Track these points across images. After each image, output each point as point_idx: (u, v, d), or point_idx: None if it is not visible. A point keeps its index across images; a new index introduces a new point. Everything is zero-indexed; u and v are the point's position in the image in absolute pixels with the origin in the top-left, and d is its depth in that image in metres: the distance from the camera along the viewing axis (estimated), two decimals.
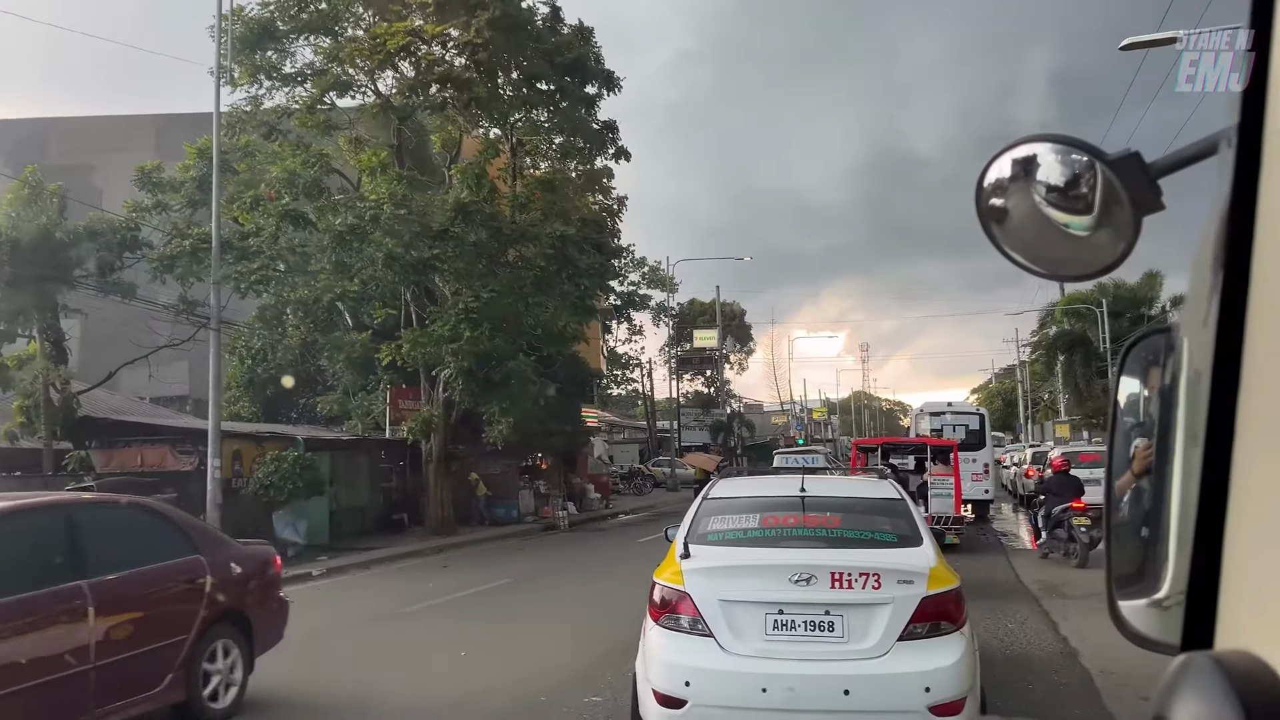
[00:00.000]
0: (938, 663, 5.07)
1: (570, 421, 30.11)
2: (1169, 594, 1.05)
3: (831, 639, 5.17)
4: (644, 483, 46.39)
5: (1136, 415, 1.33)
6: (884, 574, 5.23)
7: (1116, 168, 1.22)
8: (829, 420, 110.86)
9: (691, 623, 5.27)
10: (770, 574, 5.38)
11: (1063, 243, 1.31)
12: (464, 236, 20.40)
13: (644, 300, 67.37)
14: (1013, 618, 10.90)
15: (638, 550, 20.54)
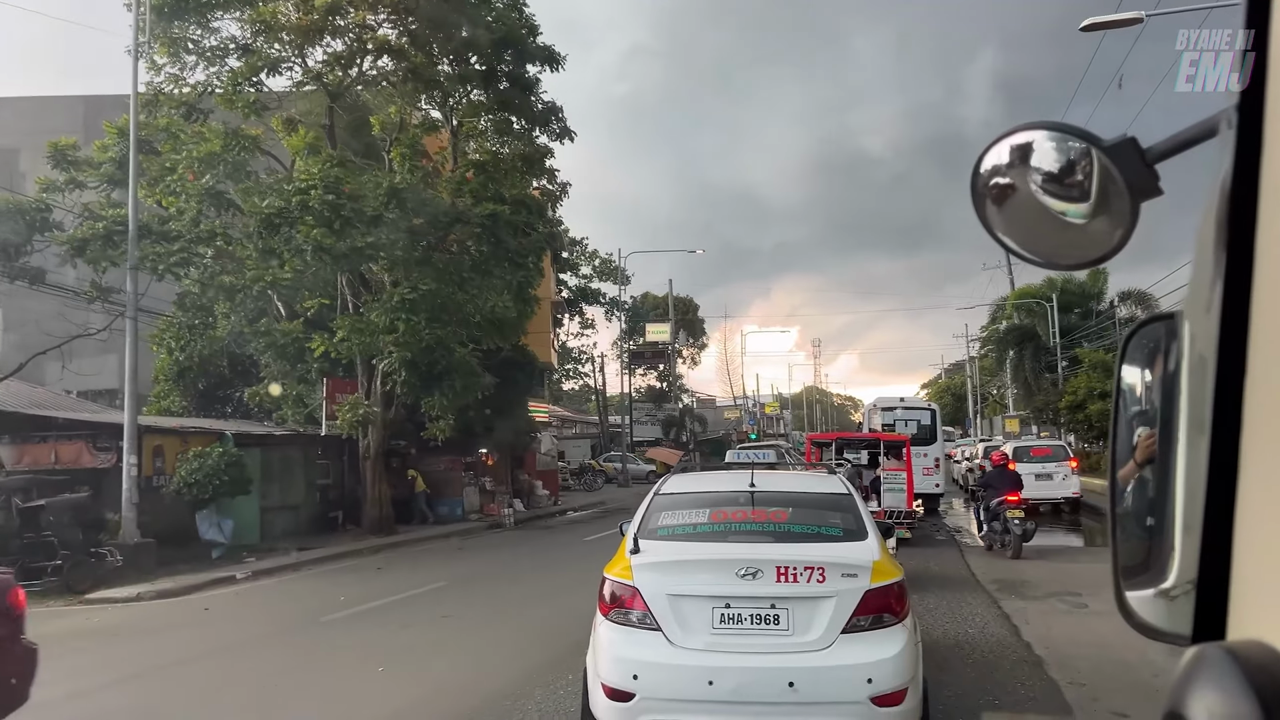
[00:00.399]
0: (880, 654, 5.12)
1: (517, 416, 29.21)
2: (1176, 583, 1.05)
3: (777, 632, 5.22)
4: (595, 478, 45.59)
5: (1139, 404, 1.31)
6: (828, 568, 5.28)
7: (1113, 154, 1.21)
8: (781, 415, 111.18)
9: (640, 617, 5.32)
10: (717, 568, 5.42)
11: (1060, 230, 1.30)
12: (398, 222, 19.36)
13: (596, 294, 66.98)
14: (972, 622, 10.33)
15: (583, 549, 19.79)
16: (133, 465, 17.06)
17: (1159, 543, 1.12)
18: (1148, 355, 1.27)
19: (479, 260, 21.47)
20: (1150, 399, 1.26)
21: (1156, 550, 1.13)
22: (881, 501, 15.26)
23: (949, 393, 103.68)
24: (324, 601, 13.18)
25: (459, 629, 10.92)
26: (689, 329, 70.03)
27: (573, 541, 21.60)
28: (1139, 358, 1.30)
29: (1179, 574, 1.04)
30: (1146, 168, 1.20)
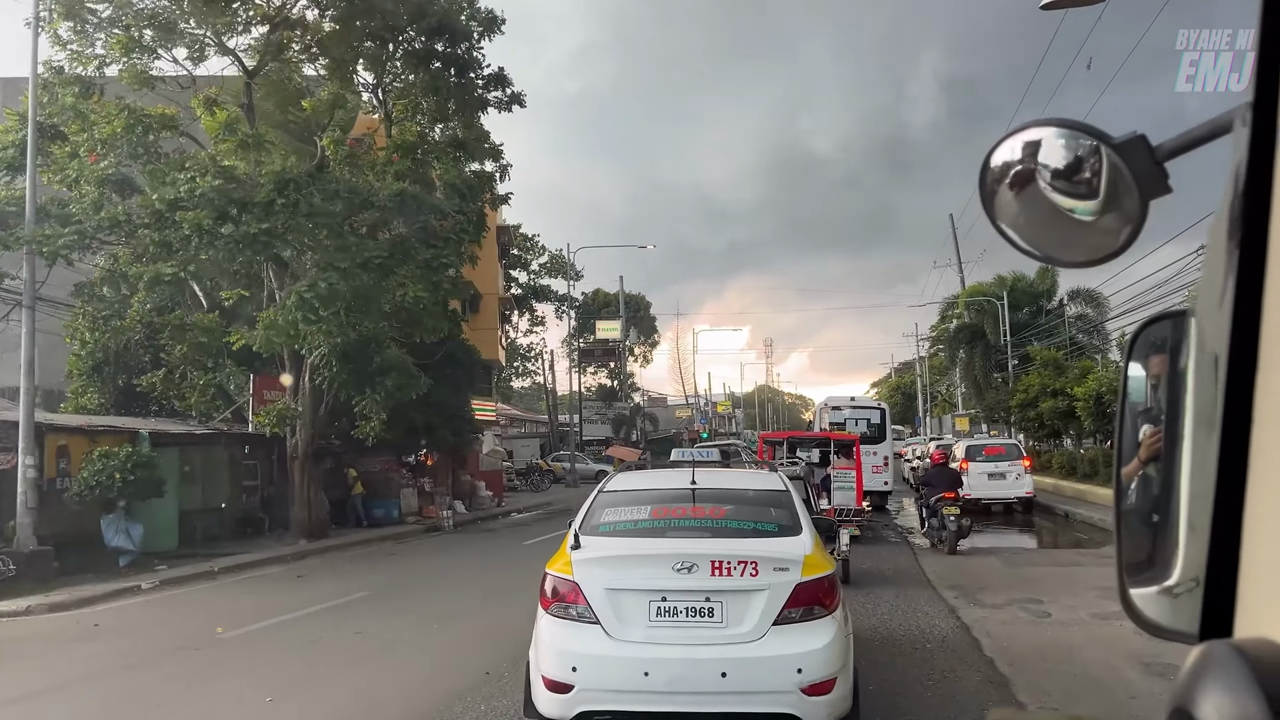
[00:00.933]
0: (810, 645, 5.26)
1: (458, 414, 28.08)
2: (1180, 581, 1.07)
3: (711, 624, 5.34)
4: (542, 479, 44.56)
5: (1144, 401, 1.31)
6: (761, 562, 5.41)
7: (1122, 151, 1.21)
8: (734, 414, 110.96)
9: (579, 611, 5.43)
10: (654, 563, 5.52)
11: (1068, 227, 1.30)
12: (298, 207, 17.96)
13: (546, 291, 65.78)
14: (931, 635, 9.55)
15: (522, 554, 18.80)
16: (29, 466, 15.72)
17: (1164, 540, 1.12)
18: (1154, 353, 1.27)
19: (394, 246, 20.16)
20: (1156, 396, 1.27)
21: (1161, 547, 1.13)
22: (832, 499, 15.15)
23: (899, 391, 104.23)
24: (230, 615, 12.04)
25: (371, 647, 9.89)
26: (640, 327, 69.15)
27: (511, 545, 20.60)
28: (1145, 355, 1.30)
29: (1184, 571, 1.05)
30: (1156, 165, 1.20)
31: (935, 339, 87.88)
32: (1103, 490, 24.12)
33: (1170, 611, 1.10)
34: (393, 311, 20.20)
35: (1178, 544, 1.06)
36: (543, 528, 24.31)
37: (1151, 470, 1.22)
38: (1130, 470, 1.26)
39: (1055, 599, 11.45)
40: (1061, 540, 19.28)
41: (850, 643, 5.70)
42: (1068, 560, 15.48)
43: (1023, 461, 24.18)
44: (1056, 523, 22.72)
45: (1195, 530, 0.99)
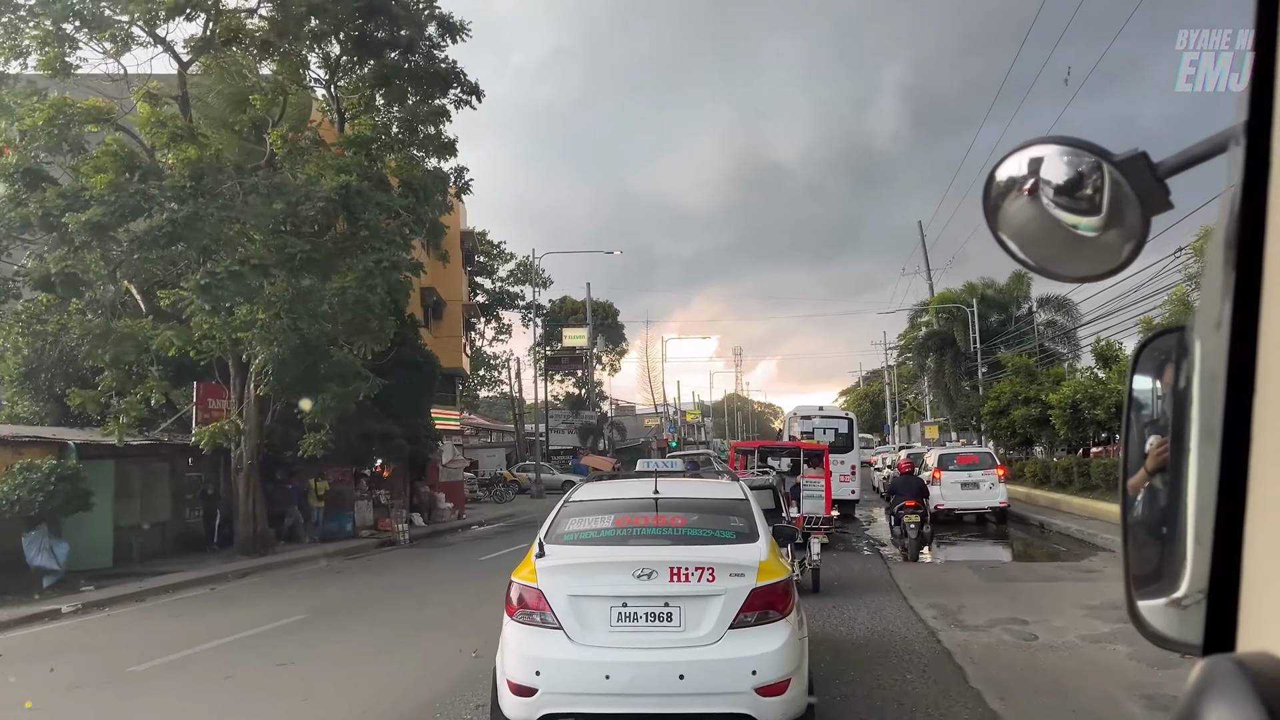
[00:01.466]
0: (764, 648, 5.42)
1: (415, 423, 27.02)
2: (1188, 593, 1.06)
3: (670, 628, 5.50)
4: (506, 490, 43.44)
5: (1150, 413, 1.32)
6: (718, 568, 5.57)
7: (1124, 168, 1.23)
8: (703, 423, 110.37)
9: (543, 617, 5.57)
10: (615, 570, 5.67)
11: (1071, 244, 1.32)
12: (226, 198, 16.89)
13: (513, 298, 64.70)
14: (911, 663, 8.72)
15: (477, 571, 17.84)
16: None
17: (1171, 551, 1.12)
18: (1159, 366, 1.28)
19: (334, 245, 19.07)
20: (1161, 408, 1.27)
21: (1168, 559, 1.14)
22: (801, 508, 15.28)
23: (867, 400, 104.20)
24: (147, 643, 10.99)
25: (293, 682, 8.90)
26: (608, 335, 68.25)
27: (467, 561, 19.60)
28: (1150, 368, 1.30)
29: (1191, 583, 1.05)
30: (1157, 182, 1.22)
31: (904, 347, 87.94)
32: (1077, 500, 23.57)
33: (1178, 624, 1.09)
34: (334, 314, 19.10)
35: (1185, 556, 1.06)
36: (502, 541, 23.34)
37: (1158, 481, 1.21)
38: (1137, 481, 1.25)
39: (1040, 618, 10.70)
40: (1038, 552, 18.59)
41: (805, 645, 5.90)
42: (1047, 574, 14.76)
43: (997, 470, 23.56)
44: (1031, 534, 22.09)
45: (1202, 542, 0.99)
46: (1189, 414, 1.07)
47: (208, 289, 17.79)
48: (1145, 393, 1.32)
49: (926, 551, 18.57)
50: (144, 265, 18.30)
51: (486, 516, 33.25)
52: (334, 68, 22.37)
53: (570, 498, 6.84)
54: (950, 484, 23.55)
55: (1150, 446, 1.24)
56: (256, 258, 18.29)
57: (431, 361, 27.80)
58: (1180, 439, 1.10)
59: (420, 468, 30.56)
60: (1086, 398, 22.42)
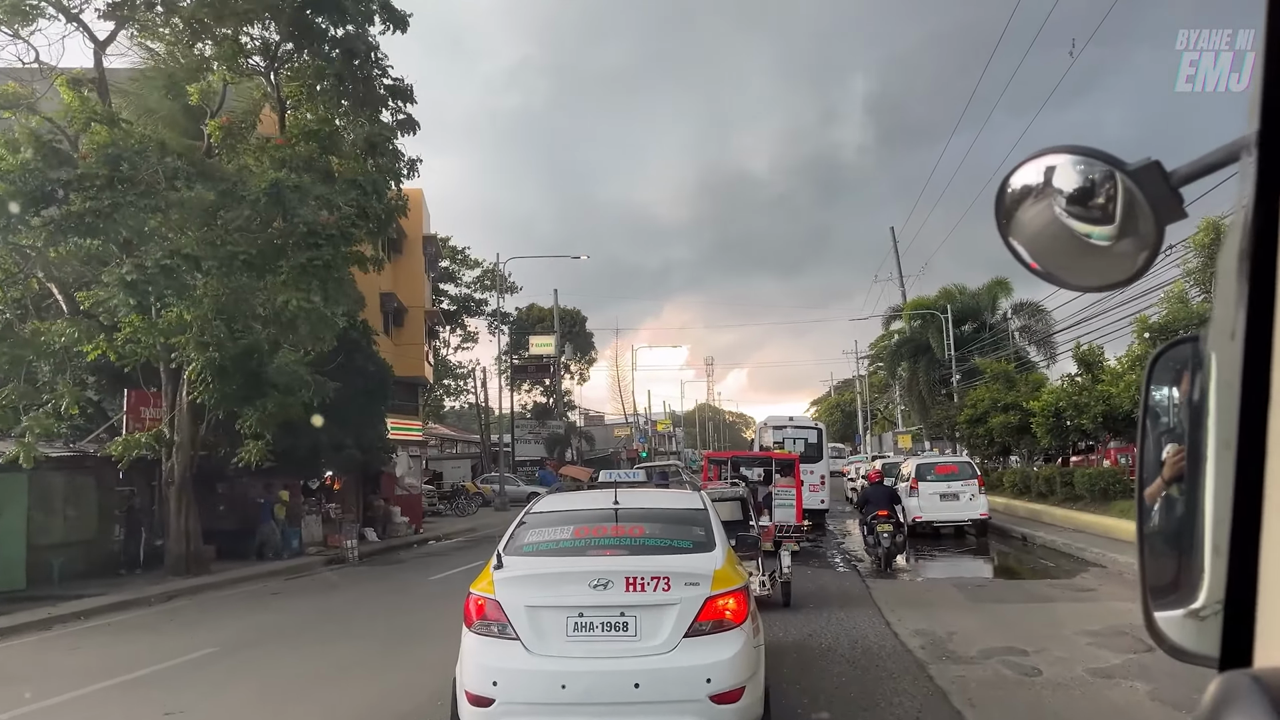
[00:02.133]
0: (718, 656, 5.44)
1: (368, 433, 25.57)
2: (1205, 604, 1.05)
3: (625, 637, 5.54)
4: (469, 502, 41.88)
5: (1166, 423, 1.33)
6: (673, 577, 5.60)
7: (1137, 177, 1.23)
8: (674, 433, 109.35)
9: (500, 628, 5.58)
10: (572, 580, 5.70)
11: (1084, 252, 1.31)
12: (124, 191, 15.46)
13: (479, 305, 63.16)
14: (904, 709, 7.51)
15: (424, 594, 16.50)
16: None
17: (1188, 562, 1.12)
18: (1174, 376, 1.27)
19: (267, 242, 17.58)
20: (1177, 418, 1.27)
21: (1186, 570, 1.13)
22: (773, 516, 15.45)
23: (839, 409, 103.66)
24: (25, 682, 9.57)
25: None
26: (576, 343, 66.87)
27: (416, 582, 18.23)
28: (1166, 378, 1.30)
29: (1208, 595, 1.04)
30: (1171, 191, 1.21)
31: (875, 355, 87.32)
32: (1059, 511, 22.60)
33: (1195, 636, 1.08)
34: (270, 317, 17.69)
35: (1203, 566, 1.05)
36: (459, 558, 21.98)
37: (1174, 491, 1.20)
38: (1153, 491, 1.25)
39: (1040, 647, 9.57)
40: (1025, 568, 17.51)
41: (761, 653, 5.93)
42: (1039, 593, 13.65)
43: (976, 481, 22.54)
44: (1014, 547, 21.04)
45: (1220, 553, 0.98)
46: (1205, 424, 1.07)
47: (134, 285, 16.36)
48: (1161, 402, 1.32)
49: (902, 559, 17.70)
50: (61, 260, 16.80)
51: (445, 531, 31.80)
52: (273, 55, 20.96)
53: (531, 509, 6.90)
54: (929, 495, 22.51)
55: (1166, 456, 1.24)
56: (190, 248, 16.84)
57: (384, 368, 26.37)
58: (1196, 449, 1.10)
59: (374, 480, 29.08)
60: (1070, 405, 21.44)
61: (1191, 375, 1.18)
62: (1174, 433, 1.27)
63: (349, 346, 24.60)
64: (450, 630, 6.55)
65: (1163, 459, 1.25)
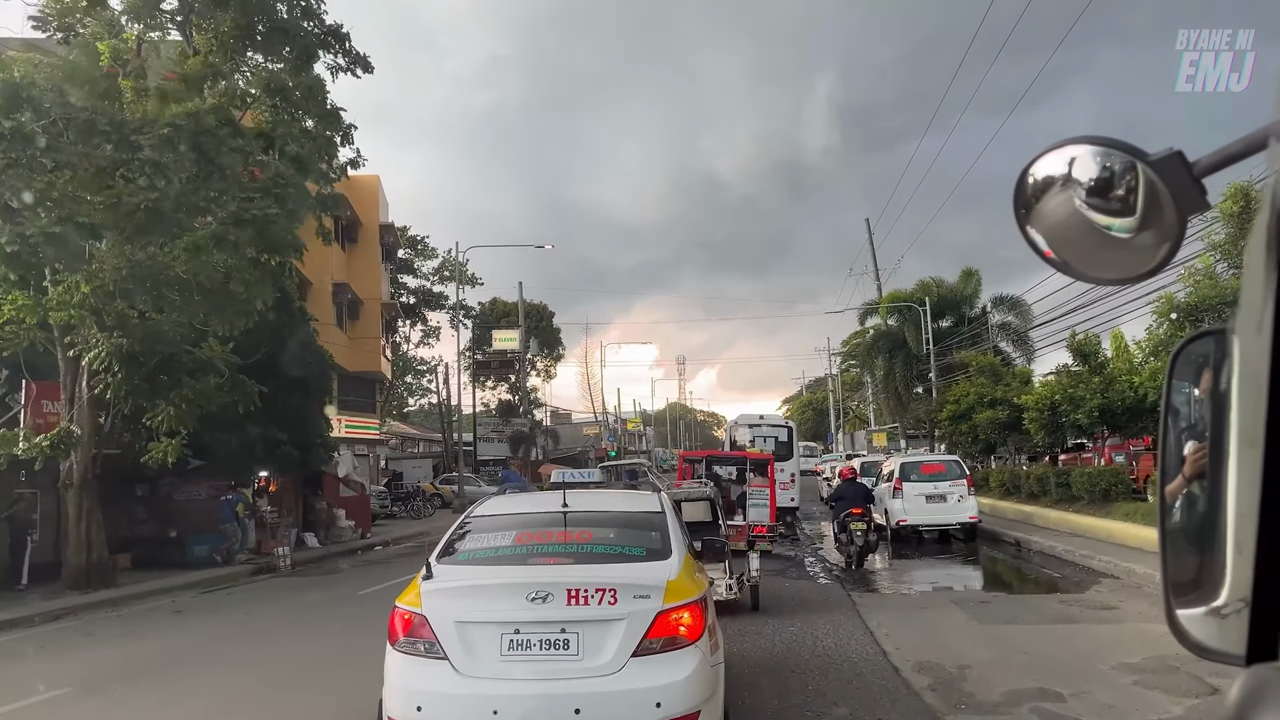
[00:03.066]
0: (670, 678, 4.97)
1: (305, 429, 23.41)
2: (1228, 601, 1.05)
3: (566, 657, 5.03)
4: (425, 504, 39.67)
5: (1188, 418, 1.31)
6: (620, 589, 5.12)
7: (1159, 168, 1.21)
8: (644, 432, 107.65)
9: (427, 646, 5.11)
10: (507, 593, 5.23)
11: (1105, 245, 1.30)
12: None
13: (440, 298, 60.74)
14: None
15: (350, 610, 14.50)
16: None
17: (1210, 559, 1.11)
18: (1197, 370, 1.25)
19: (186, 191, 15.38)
20: (1200, 413, 1.25)
21: (1208, 567, 1.12)
22: (747, 516, 15.28)
23: (811, 407, 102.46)
24: None
25: None
26: (543, 338, 64.72)
27: (342, 598, 16.18)
28: (1188, 372, 1.28)
29: (1231, 591, 1.04)
30: (1193, 182, 1.19)
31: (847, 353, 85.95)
32: (1053, 513, 20.97)
33: (1218, 633, 1.08)
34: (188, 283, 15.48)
35: (1225, 563, 1.05)
36: (401, 567, 19.96)
37: (1196, 488, 1.20)
38: (1174, 487, 1.24)
39: (1078, 689, 7.75)
40: (1028, 580, 15.76)
41: (719, 672, 5.44)
42: (1055, 612, 11.86)
43: (966, 481, 20.84)
44: (1009, 554, 19.32)
45: (1242, 549, 0.99)
46: (1228, 418, 1.06)
47: (16, 257, 14.23)
48: (1182, 396, 1.30)
49: (879, 560, 16.59)
50: None
51: (395, 535, 29.72)
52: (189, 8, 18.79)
53: (473, 512, 6.46)
54: (914, 497, 20.78)
55: (1188, 451, 1.22)
56: (83, 215, 14.70)
57: (323, 358, 24.19)
58: (1219, 444, 1.09)
59: (316, 481, 26.91)
60: (1066, 399, 19.77)
61: (1215, 369, 1.15)
62: (1196, 429, 1.24)
63: (282, 330, 22.48)
64: (373, 651, 5.78)
65: (1184, 455, 1.22)
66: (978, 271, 41.55)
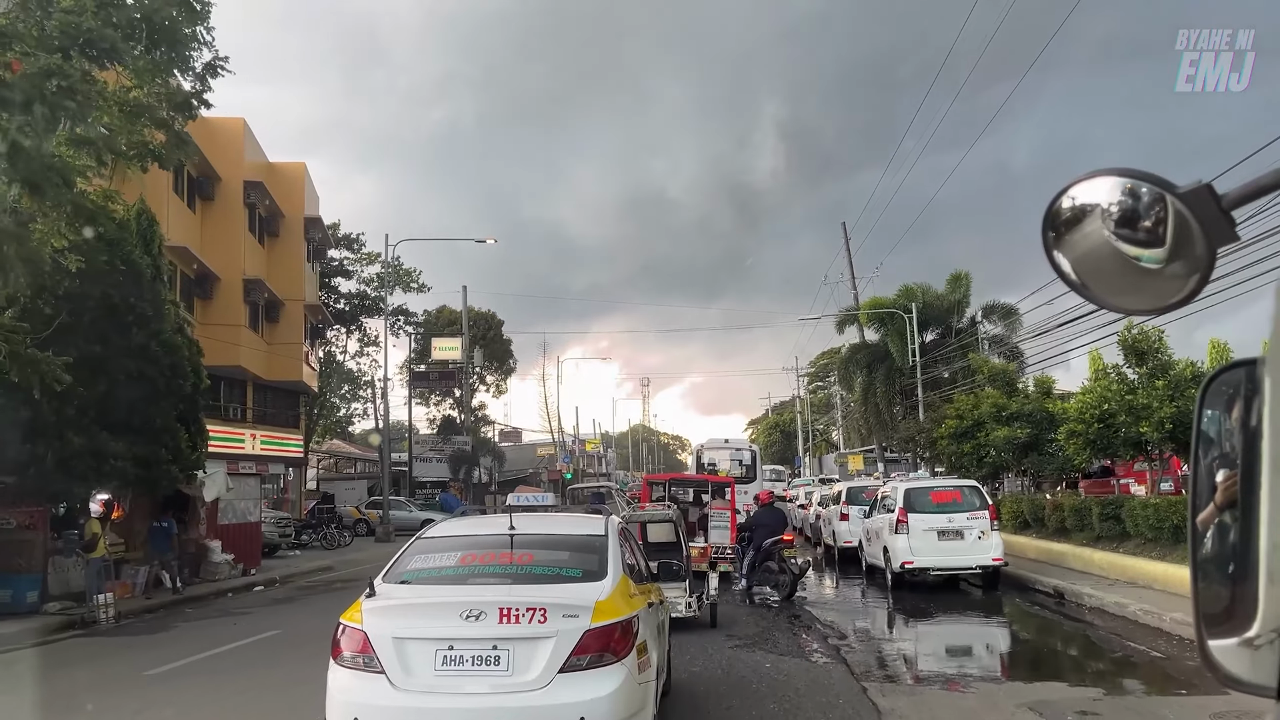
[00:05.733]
0: (595, 693, 5.16)
1: (150, 442, 18.32)
2: (1261, 632, 1.06)
3: (497, 672, 5.22)
4: (341, 533, 34.41)
5: (1219, 447, 1.30)
6: (550, 609, 5.30)
7: (1188, 200, 1.23)
8: (604, 453, 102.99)
9: (366, 660, 5.32)
10: (443, 611, 5.47)
11: (1134, 276, 1.30)
12: None
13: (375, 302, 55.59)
14: None
15: (111, 703, 9.60)
16: None
17: (1242, 589, 1.11)
18: (1228, 399, 1.26)
19: None
20: (1231, 442, 1.24)
21: (1240, 597, 1.12)
22: (708, 537, 15.96)
23: (778, 429, 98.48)
24: None
25: None
26: (491, 350, 59.72)
27: (120, 680, 11.14)
28: (1219, 401, 1.28)
29: (1264, 622, 1.05)
30: (1222, 214, 1.21)
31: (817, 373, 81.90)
32: (1097, 554, 16.53)
33: (1250, 664, 1.08)
34: None
35: (1258, 594, 1.05)
36: (257, 622, 15.20)
37: (1228, 517, 1.20)
38: (1206, 517, 1.23)
39: None
40: (1110, 657, 11.01)
41: (649, 690, 5.63)
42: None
43: (988, 513, 16.39)
44: (1052, 608, 14.75)
45: (1275, 580, 0.98)
46: (1260, 448, 1.08)
47: None
48: (1214, 425, 1.30)
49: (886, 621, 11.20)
50: None
51: (293, 571, 24.72)
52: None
53: (423, 534, 6.72)
54: (922, 532, 16.31)
55: (1219, 481, 1.22)
56: None
57: (176, 350, 19.12)
58: (1251, 474, 1.10)
59: (183, 506, 21.79)
60: (1124, 408, 15.40)
61: (1246, 400, 1.17)
62: (1227, 457, 1.24)
63: (122, 312, 17.60)
64: None
65: (1215, 483, 1.23)
66: (967, 275, 37.44)
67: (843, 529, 21.94)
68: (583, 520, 7.56)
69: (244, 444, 37.82)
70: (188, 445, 19.81)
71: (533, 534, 6.38)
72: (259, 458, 38.77)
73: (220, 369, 35.97)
